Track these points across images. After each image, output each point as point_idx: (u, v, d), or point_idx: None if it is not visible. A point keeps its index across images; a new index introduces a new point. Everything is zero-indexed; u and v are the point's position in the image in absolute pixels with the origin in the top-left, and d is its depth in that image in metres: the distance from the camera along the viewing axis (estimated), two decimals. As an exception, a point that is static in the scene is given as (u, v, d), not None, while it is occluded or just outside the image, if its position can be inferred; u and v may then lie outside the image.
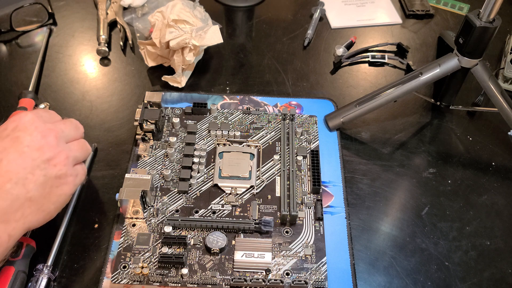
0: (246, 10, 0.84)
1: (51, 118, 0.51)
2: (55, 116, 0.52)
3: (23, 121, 0.47)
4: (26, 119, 0.48)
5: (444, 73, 0.62)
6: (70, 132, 0.51)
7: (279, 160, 0.61)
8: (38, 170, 0.46)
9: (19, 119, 0.48)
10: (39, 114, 0.49)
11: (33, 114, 0.49)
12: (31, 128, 0.47)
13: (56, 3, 0.81)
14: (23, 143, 0.46)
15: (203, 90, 0.70)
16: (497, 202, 0.60)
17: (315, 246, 0.54)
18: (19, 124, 0.47)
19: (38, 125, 0.48)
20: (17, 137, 0.46)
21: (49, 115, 0.51)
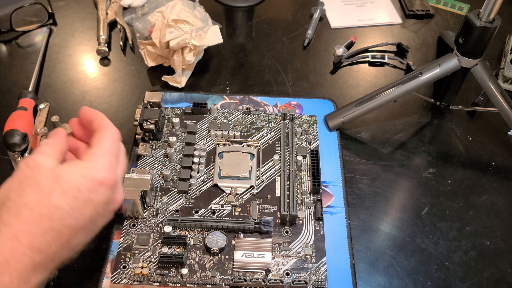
0: (246, 10, 0.84)
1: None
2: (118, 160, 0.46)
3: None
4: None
5: (444, 73, 0.62)
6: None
7: (279, 160, 0.61)
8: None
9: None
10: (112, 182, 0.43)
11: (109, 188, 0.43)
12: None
13: (56, 3, 0.81)
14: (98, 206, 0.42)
15: (203, 90, 0.70)
16: (497, 202, 0.60)
17: (315, 246, 0.54)
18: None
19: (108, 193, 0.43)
20: (91, 199, 0.42)
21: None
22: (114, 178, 0.43)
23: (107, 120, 0.46)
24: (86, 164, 0.42)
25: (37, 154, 0.42)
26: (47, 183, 0.39)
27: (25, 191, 0.39)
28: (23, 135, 0.60)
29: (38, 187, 0.39)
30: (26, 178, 0.40)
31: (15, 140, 0.60)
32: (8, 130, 0.60)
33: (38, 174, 0.40)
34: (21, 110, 0.63)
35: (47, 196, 0.39)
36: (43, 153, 0.42)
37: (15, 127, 0.60)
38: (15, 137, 0.60)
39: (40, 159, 0.41)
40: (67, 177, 0.40)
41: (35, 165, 0.41)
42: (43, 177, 0.40)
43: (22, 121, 0.62)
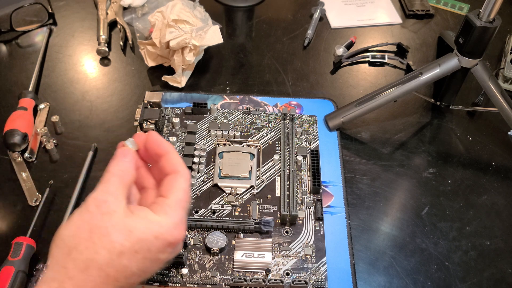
0: (246, 10, 0.84)
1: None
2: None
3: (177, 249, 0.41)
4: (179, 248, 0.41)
5: (444, 73, 0.62)
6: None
7: (279, 160, 0.61)
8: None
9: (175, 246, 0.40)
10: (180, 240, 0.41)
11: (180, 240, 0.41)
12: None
13: (56, 3, 0.81)
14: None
15: (203, 90, 0.70)
16: (497, 202, 0.60)
17: (315, 246, 0.54)
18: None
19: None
20: (158, 259, 0.40)
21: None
22: (183, 235, 0.40)
23: (179, 160, 0.42)
24: (160, 222, 0.39)
25: (107, 194, 0.39)
26: (119, 241, 0.37)
27: (95, 245, 0.36)
28: (23, 135, 0.60)
29: (110, 243, 0.36)
30: (96, 227, 0.37)
31: (15, 140, 0.60)
32: (8, 130, 0.60)
33: (111, 226, 0.37)
34: (21, 110, 0.63)
35: (118, 256, 0.37)
36: (113, 194, 0.39)
37: (15, 127, 0.60)
38: (15, 137, 0.60)
39: (112, 205, 0.38)
40: (140, 236, 0.37)
41: (106, 211, 0.37)
42: (115, 232, 0.37)
43: (22, 121, 0.62)
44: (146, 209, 0.40)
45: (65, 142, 0.63)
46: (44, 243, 0.53)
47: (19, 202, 0.57)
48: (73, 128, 0.65)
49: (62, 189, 0.58)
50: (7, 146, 0.60)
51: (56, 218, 0.55)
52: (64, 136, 0.64)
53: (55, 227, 0.53)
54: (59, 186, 0.58)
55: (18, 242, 0.50)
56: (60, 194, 0.58)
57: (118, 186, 0.40)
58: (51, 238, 0.52)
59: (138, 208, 0.40)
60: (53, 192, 0.58)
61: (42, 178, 0.59)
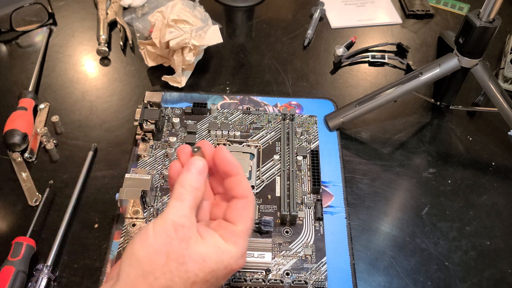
0: (246, 10, 0.84)
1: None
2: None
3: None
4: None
5: (444, 73, 0.62)
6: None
7: (279, 160, 0.61)
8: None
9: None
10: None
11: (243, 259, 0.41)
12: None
13: (56, 3, 0.81)
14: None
15: (203, 90, 0.70)
16: (497, 202, 0.60)
17: (315, 246, 0.54)
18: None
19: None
20: (219, 284, 0.40)
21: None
22: (245, 261, 0.41)
23: (248, 184, 0.42)
24: (230, 252, 0.39)
25: (184, 218, 0.38)
26: (194, 271, 0.37)
27: (171, 273, 0.36)
28: (23, 135, 0.61)
29: (185, 273, 0.36)
30: (174, 254, 0.36)
31: (15, 140, 0.60)
32: (8, 130, 0.60)
33: (187, 255, 0.37)
34: (21, 110, 0.63)
35: (190, 285, 0.37)
36: (188, 217, 0.38)
37: (15, 127, 0.60)
38: (15, 137, 0.60)
39: (188, 230, 0.38)
40: (213, 266, 0.38)
41: (183, 237, 0.37)
42: (191, 261, 0.37)
43: (22, 121, 0.62)
44: (215, 235, 0.39)
45: (65, 142, 0.63)
46: (44, 243, 0.53)
47: (19, 202, 0.57)
48: (73, 128, 0.65)
49: (62, 189, 0.58)
50: (7, 146, 0.60)
51: (56, 218, 0.55)
52: (64, 136, 0.64)
53: (55, 227, 0.54)
54: (59, 186, 0.58)
55: (18, 242, 0.50)
56: (60, 194, 0.58)
57: (192, 207, 0.39)
58: (51, 238, 0.53)
59: (207, 233, 0.39)
60: (53, 192, 0.58)
61: (42, 178, 0.59)
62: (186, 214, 0.38)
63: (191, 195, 0.39)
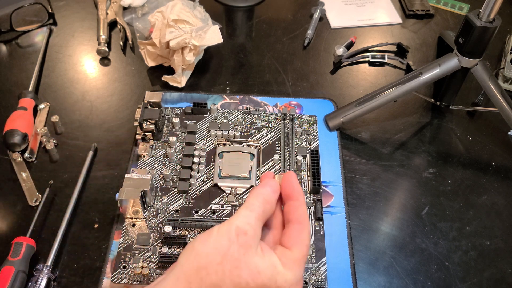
0: (246, 10, 0.84)
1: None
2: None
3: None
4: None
5: (444, 73, 0.62)
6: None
7: (279, 160, 0.61)
8: None
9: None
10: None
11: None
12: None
13: (56, 3, 0.81)
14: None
15: (203, 90, 0.70)
16: (497, 202, 0.60)
17: (315, 246, 0.54)
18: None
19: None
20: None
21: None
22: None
23: (306, 211, 0.42)
24: (285, 276, 0.38)
25: (249, 226, 0.39)
26: (246, 278, 0.37)
27: (224, 274, 0.37)
28: (23, 135, 0.61)
29: (238, 277, 0.37)
30: (230, 257, 0.37)
31: (15, 140, 0.60)
32: (8, 130, 0.60)
33: (243, 262, 0.37)
34: (21, 110, 0.63)
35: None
36: (253, 227, 0.39)
37: (15, 127, 0.60)
38: (15, 137, 0.60)
39: (250, 239, 0.38)
40: (265, 281, 0.37)
41: (244, 243, 0.38)
42: (246, 269, 0.37)
43: (22, 121, 0.62)
44: (275, 256, 0.39)
45: (65, 142, 0.63)
46: (44, 243, 0.53)
47: (19, 202, 0.57)
48: (73, 128, 0.65)
49: (62, 189, 0.58)
50: (7, 146, 0.60)
51: (56, 218, 0.55)
52: (64, 136, 0.64)
53: (55, 227, 0.54)
54: (59, 186, 0.58)
55: (18, 242, 0.50)
56: (60, 194, 0.58)
57: (259, 218, 0.40)
58: (51, 238, 0.53)
59: (268, 251, 0.40)
60: (53, 192, 0.58)
61: (42, 178, 0.59)
62: (251, 222, 0.39)
63: (261, 207, 0.40)
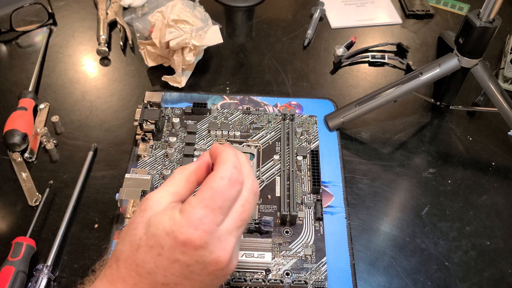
0: (246, 10, 0.84)
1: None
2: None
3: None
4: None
5: (444, 73, 0.62)
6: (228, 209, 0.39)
7: (279, 160, 0.61)
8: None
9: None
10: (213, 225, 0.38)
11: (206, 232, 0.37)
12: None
13: (56, 3, 0.81)
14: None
15: (203, 90, 0.70)
16: (497, 202, 0.60)
17: (315, 246, 0.54)
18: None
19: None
20: (177, 259, 0.37)
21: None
22: (200, 235, 0.36)
23: (223, 159, 0.40)
24: (175, 218, 0.37)
25: (153, 194, 0.39)
26: (138, 234, 0.38)
27: (124, 239, 0.39)
28: (23, 135, 0.61)
29: (132, 236, 0.38)
30: (131, 222, 0.39)
31: (15, 140, 0.60)
32: (8, 130, 0.60)
33: (140, 222, 0.38)
34: (21, 110, 0.63)
35: (136, 250, 0.37)
36: (158, 192, 0.40)
37: (15, 127, 0.60)
38: (15, 137, 0.60)
39: (151, 202, 0.39)
40: (154, 231, 0.37)
41: (144, 208, 0.39)
42: (139, 226, 0.38)
43: (22, 121, 0.62)
44: (176, 208, 0.38)
45: (65, 142, 0.63)
46: (44, 243, 0.53)
47: (19, 202, 0.57)
48: (73, 128, 0.65)
49: (62, 189, 0.58)
50: (7, 146, 0.60)
51: (56, 218, 0.55)
52: (64, 136, 0.64)
53: (55, 227, 0.54)
54: (59, 186, 0.58)
55: (18, 242, 0.50)
56: (60, 194, 0.58)
57: (168, 183, 0.40)
58: (51, 238, 0.53)
59: (175, 206, 0.39)
60: (53, 192, 0.58)
61: (42, 178, 0.59)
62: (158, 192, 0.40)
63: (171, 179, 0.41)
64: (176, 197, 0.40)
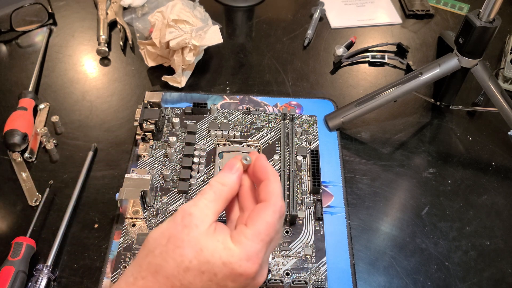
0: (246, 10, 0.84)
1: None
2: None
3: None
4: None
5: (444, 73, 0.62)
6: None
7: (279, 160, 0.61)
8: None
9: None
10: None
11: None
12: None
13: (56, 3, 0.81)
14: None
15: (203, 90, 0.70)
16: (497, 202, 0.60)
17: (315, 246, 0.54)
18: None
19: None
20: (226, 285, 0.38)
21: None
22: (256, 269, 0.38)
23: (276, 190, 0.41)
24: (232, 250, 0.38)
25: (195, 208, 0.39)
26: (188, 256, 0.37)
27: (167, 254, 0.37)
28: (23, 135, 0.61)
29: (180, 256, 0.37)
30: (174, 237, 0.38)
31: (15, 140, 0.60)
32: (8, 130, 0.60)
33: (186, 240, 0.37)
34: (21, 110, 0.63)
35: (184, 271, 0.37)
36: (201, 208, 0.39)
37: (15, 127, 0.60)
38: (15, 137, 0.60)
39: (195, 219, 0.38)
40: (209, 258, 0.37)
41: (188, 224, 0.38)
42: (188, 247, 0.37)
43: (22, 121, 0.62)
44: (226, 234, 0.39)
45: (65, 142, 0.63)
46: (44, 243, 0.53)
47: (19, 202, 0.57)
48: (73, 128, 0.65)
49: (62, 189, 0.58)
50: (7, 146, 0.60)
51: (56, 218, 0.55)
52: (64, 136, 0.64)
53: (55, 227, 0.54)
54: (59, 186, 0.58)
55: (18, 242, 0.50)
56: (60, 194, 0.58)
57: (210, 200, 0.40)
58: (51, 238, 0.53)
59: (220, 230, 0.39)
60: (53, 192, 0.58)
61: (42, 178, 0.59)
62: (198, 204, 0.39)
63: (212, 190, 0.41)
64: (217, 216, 0.40)
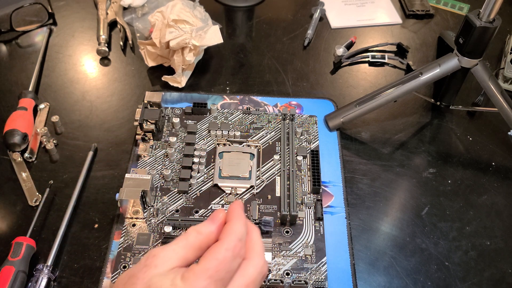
0: (246, 10, 0.84)
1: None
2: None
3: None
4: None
5: (444, 73, 0.62)
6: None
7: (279, 160, 0.61)
8: None
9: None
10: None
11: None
12: None
13: (56, 3, 0.81)
14: None
15: (203, 90, 0.70)
16: (497, 202, 0.60)
17: (315, 246, 0.54)
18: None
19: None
20: None
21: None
22: None
23: (232, 231, 0.39)
24: (178, 285, 0.36)
25: (161, 250, 0.38)
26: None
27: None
28: (23, 135, 0.61)
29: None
30: (133, 276, 0.37)
31: (15, 140, 0.60)
32: (8, 130, 0.60)
33: (141, 278, 0.37)
34: (21, 110, 0.63)
35: None
36: (166, 251, 0.38)
37: (15, 127, 0.60)
38: (15, 137, 0.60)
39: (157, 260, 0.38)
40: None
41: (149, 264, 0.38)
42: (140, 284, 0.37)
43: (22, 121, 0.62)
44: (179, 273, 0.38)
45: (65, 142, 0.63)
46: (44, 243, 0.53)
47: (19, 202, 0.57)
48: (73, 128, 0.65)
49: (62, 189, 0.58)
50: (7, 146, 0.60)
51: (56, 218, 0.55)
52: (64, 136, 0.64)
53: (55, 227, 0.54)
54: (59, 186, 0.58)
55: (18, 242, 0.50)
56: (60, 194, 0.58)
57: (181, 246, 0.39)
58: (51, 238, 0.53)
59: (178, 270, 0.38)
60: (53, 192, 0.58)
61: (42, 178, 0.59)
62: (166, 248, 0.39)
63: (186, 235, 0.40)
64: (184, 262, 0.39)
